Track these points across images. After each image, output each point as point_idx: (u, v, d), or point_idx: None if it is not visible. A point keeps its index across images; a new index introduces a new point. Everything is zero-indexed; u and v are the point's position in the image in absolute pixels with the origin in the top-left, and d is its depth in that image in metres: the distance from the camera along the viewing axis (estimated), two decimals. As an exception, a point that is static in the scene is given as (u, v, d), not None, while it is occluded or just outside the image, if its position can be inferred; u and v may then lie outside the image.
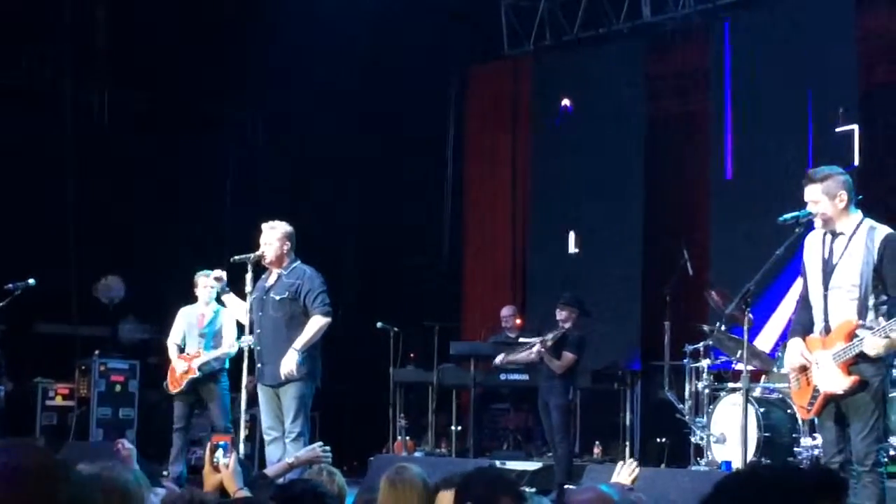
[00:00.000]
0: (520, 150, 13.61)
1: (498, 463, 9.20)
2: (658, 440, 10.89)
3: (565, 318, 9.76)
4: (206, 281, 9.07)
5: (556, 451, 9.78)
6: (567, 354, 9.68)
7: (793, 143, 10.77)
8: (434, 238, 14.16)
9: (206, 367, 9.22)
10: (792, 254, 5.77)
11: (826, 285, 5.43)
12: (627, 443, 10.96)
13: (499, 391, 11.54)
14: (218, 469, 4.30)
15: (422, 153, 13.89)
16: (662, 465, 10.09)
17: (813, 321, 5.52)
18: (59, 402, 11.61)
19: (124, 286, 12.07)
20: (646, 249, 12.09)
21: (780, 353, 8.43)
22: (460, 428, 11.24)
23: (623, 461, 4.78)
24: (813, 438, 8.03)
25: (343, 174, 13.59)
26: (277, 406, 7.53)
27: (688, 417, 9.33)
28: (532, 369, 10.38)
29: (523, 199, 13.53)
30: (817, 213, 5.44)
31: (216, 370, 9.28)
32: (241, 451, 8.30)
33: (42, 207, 11.97)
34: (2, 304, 8.87)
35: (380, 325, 11.09)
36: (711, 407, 8.87)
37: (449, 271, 14.01)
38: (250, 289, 7.59)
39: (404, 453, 10.83)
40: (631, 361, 11.62)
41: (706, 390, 9.13)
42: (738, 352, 8.13)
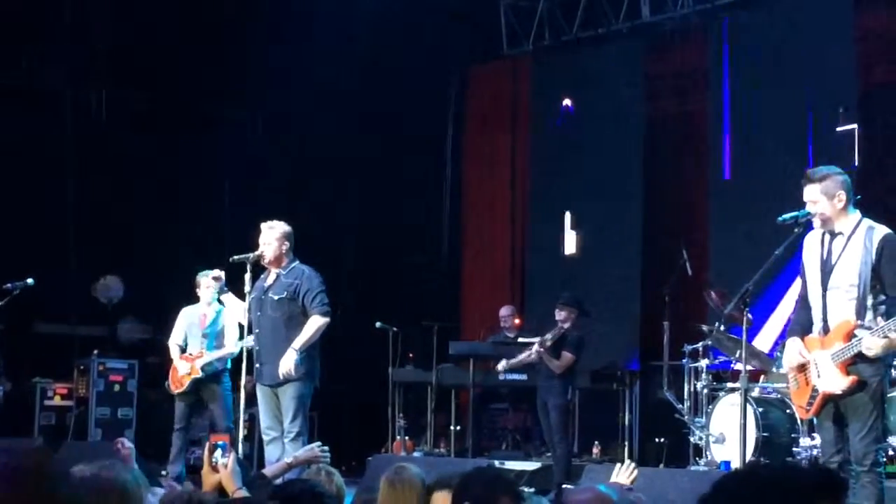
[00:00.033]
0: (519, 150, 13.61)
1: (497, 463, 9.20)
2: (657, 440, 10.90)
3: (564, 318, 9.76)
4: (208, 281, 9.06)
5: (554, 450, 9.78)
6: (566, 354, 9.69)
7: (792, 143, 10.77)
8: (433, 238, 14.16)
9: (208, 367, 9.22)
10: (791, 254, 5.77)
11: (825, 285, 5.43)
12: (626, 443, 10.95)
13: (498, 391, 11.53)
14: (217, 469, 4.29)
15: (421, 153, 13.89)
16: (661, 465, 10.10)
17: (812, 321, 5.52)
18: (58, 402, 11.59)
19: (123, 286, 12.06)
20: (645, 249, 12.09)
21: (778, 353, 8.41)
22: (459, 428, 11.23)
23: (622, 463, 4.77)
24: (812, 438, 8.03)
25: (343, 174, 13.57)
26: (276, 406, 7.52)
27: (687, 417, 9.34)
28: (531, 369, 10.37)
29: (522, 199, 13.53)
30: (816, 213, 5.44)
31: (218, 371, 9.28)
32: (240, 450, 8.32)
33: (41, 207, 11.96)
34: (1, 303, 8.87)
35: (379, 324, 11.10)
36: (710, 407, 8.88)
37: (448, 271, 14.02)
38: (249, 289, 7.59)
39: (403, 453, 10.83)
40: (630, 361, 11.62)
41: (705, 390, 9.14)
42: (737, 352, 8.14)
